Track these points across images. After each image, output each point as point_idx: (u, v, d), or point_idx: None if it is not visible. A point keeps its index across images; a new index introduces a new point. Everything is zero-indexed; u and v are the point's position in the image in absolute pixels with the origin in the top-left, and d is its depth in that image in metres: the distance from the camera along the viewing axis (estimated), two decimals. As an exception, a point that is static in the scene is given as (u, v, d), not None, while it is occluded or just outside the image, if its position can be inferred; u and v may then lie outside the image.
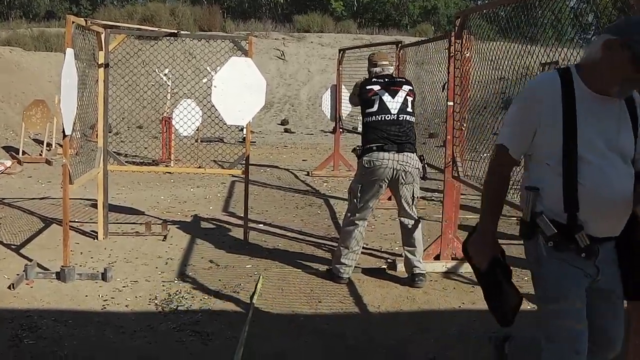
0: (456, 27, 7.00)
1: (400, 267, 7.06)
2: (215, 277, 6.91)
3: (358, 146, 6.95)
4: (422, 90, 9.78)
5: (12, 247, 7.76)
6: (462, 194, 8.62)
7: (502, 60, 5.98)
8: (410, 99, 6.88)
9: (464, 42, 6.97)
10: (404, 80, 7.27)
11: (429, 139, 11.90)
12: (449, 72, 7.14)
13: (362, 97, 6.90)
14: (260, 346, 5.16)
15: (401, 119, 6.71)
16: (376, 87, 6.84)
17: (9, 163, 13.90)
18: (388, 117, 6.69)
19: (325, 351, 5.13)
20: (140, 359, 4.92)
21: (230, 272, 7.09)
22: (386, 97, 6.76)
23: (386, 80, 6.94)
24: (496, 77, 6.49)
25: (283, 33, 32.93)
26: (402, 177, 6.62)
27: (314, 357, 5.04)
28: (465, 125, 7.12)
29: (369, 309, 6.11)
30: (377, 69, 7.07)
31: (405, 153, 6.61)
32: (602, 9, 5.07)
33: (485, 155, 8.96)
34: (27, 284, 6.46)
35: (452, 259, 7.21)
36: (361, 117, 7.02)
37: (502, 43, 6.05)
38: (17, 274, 6.55)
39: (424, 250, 7.19)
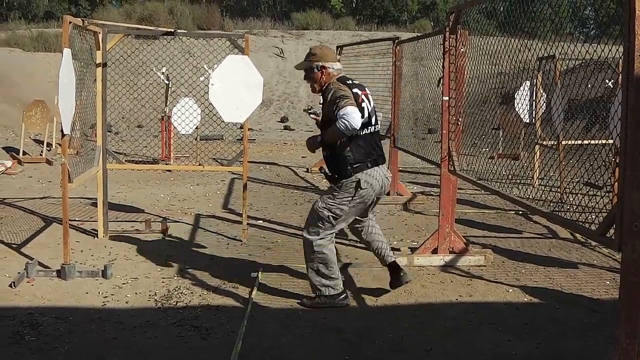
0: (450, 23, 7.04)
1: (399, 261, 7.11)
2: (214, 273, 6.95)
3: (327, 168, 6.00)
4: (421, 86, 9.83)
5: (13, 246, 7.81)
6: (459, 189, 8.68)
7: (500, 55, 6.01)
8: None
9: (458, 37, 7.01)
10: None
11: (428, 134, 11.98)
12: (443, 67, 7.18)
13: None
14: (258, 340, 5.21)
15: (378, 129, 6.06)
16: (358, 91, 5.82)
17: (9, 163, 13.94)
18: (374, 128, 5.95)
19: (323, 345, 5.18)
20: (141, 354, 4.97)
21: (229, 268, 7.13)
22: (369, 105, 5.90)
23: (355, 82, 6.00)
24: (494, 72, 6.54)
25: (282, 31, 32.94)
26: (383, 192, 6.04)
27: (312, 351, 5.08)
28: (461, 120, 7.16)
29: (366, 303, 6.16)
30: (339, 66, 6.05)
31: (384, 166, 5.99)
32: (600, 3, 5.09)
33: (484, 150, 9.04)
34: (28, 282, 6.51)
35: (450, 252, 7.25)
36: None
37: (500, 38, 6.08)
38: (18, 272, 6.61)
39: (422, 245, 7.25)
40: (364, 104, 5.74)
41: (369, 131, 5.82)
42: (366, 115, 5.74)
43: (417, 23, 38.46)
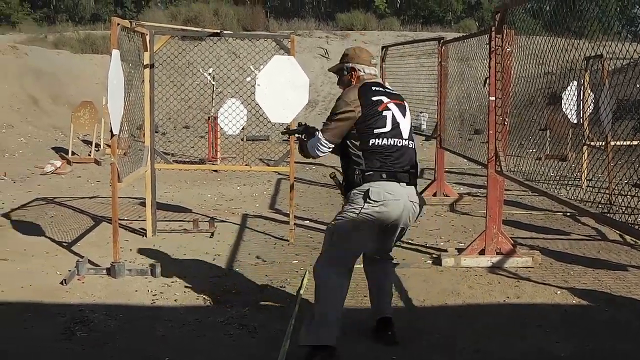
0: (496, 22, 7.00)
1: (446, 262, 7.10)
2: (262, 272, 7.00)
3: (338, 172, 5.26)
4: (467, 86, 9.79)
5: (64, 244, 7.95)
6: (506, 190, 8.62)
7: (547, 55, 5.95)
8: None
9: (504, 36, 6.97)
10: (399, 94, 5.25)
11: (474, 134, 11.91)
12: (489, 67, 7.14)
13: (367, 108, 4.85)
14: (306, 339, 5.23)
15: (411, 147, 4.97)
16: (384, 98, 4.95)
17: (58, 163, 14.15)
18: (400, 143, 4.88)
19: (369, 344, 5.18)
20: (189, 352, 5.02)
21: (276, 268, 7.18)
22: (399, 116, 4.94)
23: (387, 90, 5.12)
24: (541, 72, 6.49)
25: (326, 31, 32.93)
26: (408, 219, 4.91)
27: (359, 350, 5.08)
28: (507, 120, 7.11)
29: (413, 303, 6.15)
30: (372, 71, 5.22)
31: (413, 187, 4.94)
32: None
33: (531, 150, 8.99)
34: (78, 279, 6.62)
35: (497, 253, 7.21)
36: (354, 140, 4.87)
37: (546, 37, 6.02)
38: (69, 270, 6.73)
39: (469, 246, 7.23)
40: (386, 113, 4.86)
41: (392, 143, 4.83)
42: (388, 125, 4.83)
43: (462, 23, 38.21)
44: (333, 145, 4.99)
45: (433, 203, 10.22)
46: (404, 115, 4.98)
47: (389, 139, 4.84)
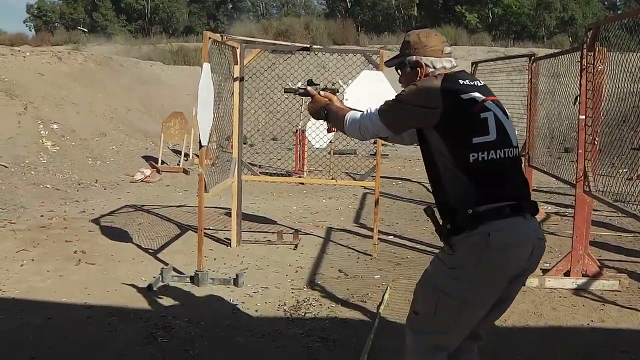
0: (588, 39, 6.86)
1: (530, 282, 6.97)
2: (343, 286, 6.99)
3: (433, 206, 3.56)
4: (557, 104, 9.62)
5: (150, 251, 8.10)
6: (595, 210, 8.42)
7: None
8: None
9: (596, 54, 6.82)
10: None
11: (564, 153, 11.67)
12: (580, 85, 7.00)
13: (456, 109, 3.39)
14: (385, 355, 5.19)
15: (517, 155, 3.55)
16: (478, 95, 3.46)
17: (148, 172, 14.46)
18: (511, 152, 3.46)
19: (450, 362, 5.12)
20: (268, 362, 5.06)
21: (358, 282, 7.15)
22: (501, 116, 3.50)
23: (478, 83, 3.57)
24: (636, 89, 6.33)
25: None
26: (533, 264, 3.47)
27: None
28: (598, 139, 6.95)
29: (495, 323, 6.05)
30: (447, 64, 3.68)
31: (535, 217, 3.50)
32: None
33: (623, 170, 8.79)
34: (163, 286, 6.73)
35: (583, 275, 7.03)
36: (443, 151, 3.40)
37: (643, 54, 5.86)
38: (154, 277, 6.85)
39: (554, 266, 7.08)
40: (485, 114, 3.41)
41: (503, 156, 3.41)
42: (492, 131, 3.38)
43: (555, 39, 37.75)
44: (386, 136, 3.86)
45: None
46: (507, 115, 3.57)
47: (497, 151, 3.39)
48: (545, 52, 22.76)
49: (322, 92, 4.27)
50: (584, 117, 6.94)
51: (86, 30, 50.58)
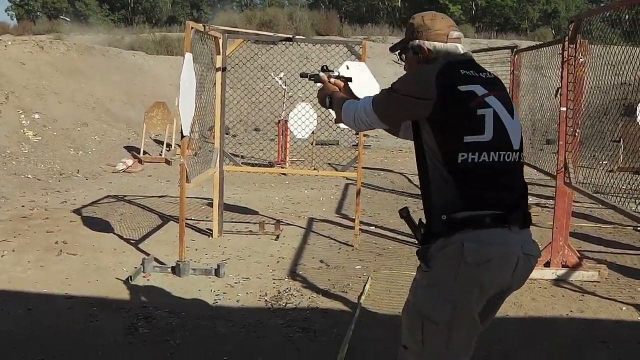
0: (570, 32, 6.89)
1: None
2: (324, 276, 7.01)
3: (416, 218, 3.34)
4: (540, 96, 9.65)
5: (131, 241, 8.10)
6: (575, 202, 8.47)
7: (623, 65, 5.82)
8: None
9: (577, 47, 6.85)
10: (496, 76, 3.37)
11: (546, 144, 11.73)
12: (562, 78, 7.04)
13: (450, 101, 3.02)
14: (365, 346, 5.21)
15: (518, 160, 3.18)
16: (479, 89, 3.08)
17: (130, 162, 14.43)
18: (509, 157, 3.09)
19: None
20: (249, 352, 5.06)
21: (339, 273, 7.18)
22: (504, 114, 3.10)
23: (483, 74, 3.24)
24: (617, 82, 6.37)
25: (400, 37, 32.80)
26: (517, 281, 3.13)
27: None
28: (578, 131, 6.99)
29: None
30: (452, 47, 3.35)
31: (528, 229, 3.13)
32: None
33: (603, 162, 8.86)
34: (144, 276, 6.73)
35: (562, 266, 7.08)
36: (432, 147, 3.07)
37: (624, 47, 5.89)
38: (135, 267, 6.87)
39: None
40: (482, 111, 3.02)
41: (497, 159, 3.03)
42: (488, 131, 3.01)
43: (538, 31, 37.87)
44: (381, 127, 3.49)
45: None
46: (512, 114, 3.15)
47: (491, 154, 3.02)
48: (528, 44, 22.83)
49: (332, 80, 4.01)
50: (564, 109, 6.97)
51: (69, 19, 50.37)
